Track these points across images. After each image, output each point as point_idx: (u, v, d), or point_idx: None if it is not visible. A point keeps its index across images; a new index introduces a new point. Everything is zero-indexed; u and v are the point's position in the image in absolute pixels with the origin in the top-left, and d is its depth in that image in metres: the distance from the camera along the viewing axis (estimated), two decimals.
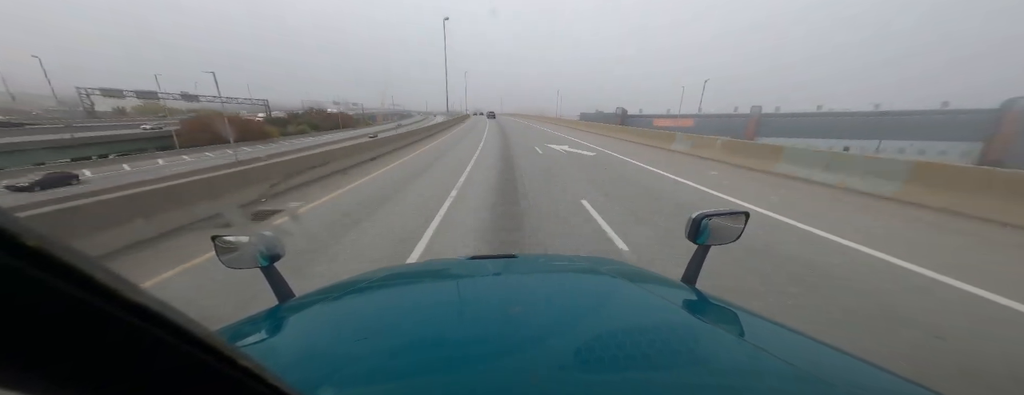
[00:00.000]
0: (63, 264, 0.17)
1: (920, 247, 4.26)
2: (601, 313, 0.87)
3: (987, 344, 2.51)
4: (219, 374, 0.24)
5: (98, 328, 0.19)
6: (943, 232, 4.89)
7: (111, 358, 0.19)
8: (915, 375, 0.61)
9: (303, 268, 3.67)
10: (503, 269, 1.22)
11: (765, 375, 0.62)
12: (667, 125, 59.38)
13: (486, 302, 0.97)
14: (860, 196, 6.96)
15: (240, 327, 0.88)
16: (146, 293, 0.20)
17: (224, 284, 3.37)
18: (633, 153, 14.25)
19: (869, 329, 2.66)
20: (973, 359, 2.35)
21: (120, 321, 0.19)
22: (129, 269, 3.84)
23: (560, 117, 75.15)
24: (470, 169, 10.04)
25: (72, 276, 0.17)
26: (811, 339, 0.74)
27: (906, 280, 3.44)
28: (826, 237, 4.59)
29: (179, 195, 5.40)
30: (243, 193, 6.74)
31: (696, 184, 7.97)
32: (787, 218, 5.35)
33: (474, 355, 0.68)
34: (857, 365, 0.66)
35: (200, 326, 0.23)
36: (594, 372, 0.61)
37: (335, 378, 0.61)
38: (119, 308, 0.19)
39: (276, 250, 1.11)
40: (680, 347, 0.71)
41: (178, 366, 0.22)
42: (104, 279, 0.18)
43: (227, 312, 2.98)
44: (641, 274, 1.24)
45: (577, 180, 8.36)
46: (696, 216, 1.15)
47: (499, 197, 6.66)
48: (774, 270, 3.60)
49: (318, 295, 1.04)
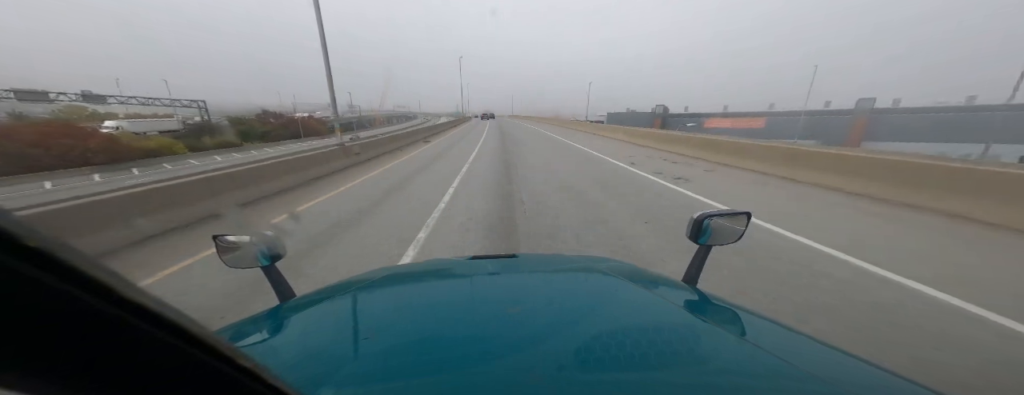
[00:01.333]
0: (63, 264, 0.17)
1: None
2: (601, 313, 0.86)
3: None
4: (219, 374, 0.24)
5: (98, 328, 0.19)
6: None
7: (111, 358, 0.19)
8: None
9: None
10: (503, 269, 1.21)
11: (765, 375, 0.61)
12: (725, 127, 42.71)
13: (486, 302, 0.96)
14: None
15: (240, 327, 0.88)
16: (146, 293, 0.20)
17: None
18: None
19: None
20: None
21: (120, 321, 0.19)
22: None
23: (575, 118, 57.83)
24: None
25: (72, 276, 0.17)
26: (811, 339, 0.73)
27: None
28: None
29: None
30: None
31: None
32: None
33: (474, 355, 0.68)
34: (857, 365, 0.65)
35: (200, 326, 0.23)
36: (594, 372, 0.61)
37: (335, 378, 0.61)
38: (119, 308, 0.19)
39: (277, 250, 1.10)
40: (681, 347, 0.71)
41: (178, 366, 0.22)
42: (104, 279, 0.18)
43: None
44: (642, 274, 1.22)
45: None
46: (697, 216, 1.15)
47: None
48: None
49: (319, 295, 1.04)
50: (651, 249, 4.12)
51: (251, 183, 7.15)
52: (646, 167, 10.22)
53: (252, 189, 7.10)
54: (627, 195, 6.81)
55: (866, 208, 5.84)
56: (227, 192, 6.50)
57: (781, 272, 3.48)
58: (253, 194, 7.06)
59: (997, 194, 4.95)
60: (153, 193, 5.21)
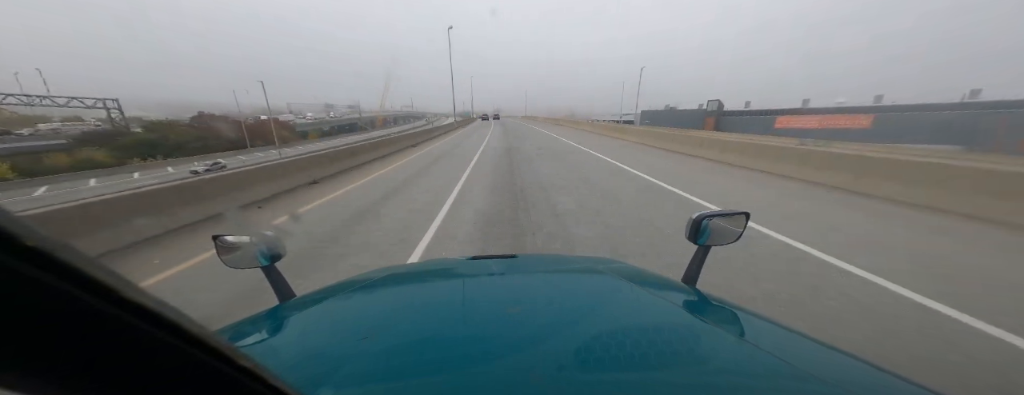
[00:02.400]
0: (63, 264, 0.17)
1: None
2: (601, 313, 0.86)
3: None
4: (219, 374, 0.24)
5: (98, 328, 0.19)
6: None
7: (111, 358, 0.19)
8: None
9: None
10: (504, 269, 1.21)
11: (765, 375, 0.62)
12: (809, 127, 32.05)
13: (487, 302, 0.97)
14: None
15: (240, 327, 0.88)
16: (146, 293, 0.20)
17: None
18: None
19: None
20: None
21: (120, 321, 0.19)
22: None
23: (592, 119, 46.59)
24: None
25: (72, 276, 0.17)
26: (811, 339, 0.74)
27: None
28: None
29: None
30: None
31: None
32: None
33: (474, 355, 0.68)
34: (857, 365, 0.66)
35: (200, 326, 0.23)
36: (594, 372, 0.61)
37: (335, 378, 0.61)
38: (119, 308, 0.19)
39: (277, 250, 1.10)
40: (680, 347, 0.71)
41: (178, 366, 0.22)
42: (104, 279, 0.19)
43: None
44: (641, 274, 1.21)
45: None
46: (696, 216, 1.14)
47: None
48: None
49: (319, 295, 1.05)
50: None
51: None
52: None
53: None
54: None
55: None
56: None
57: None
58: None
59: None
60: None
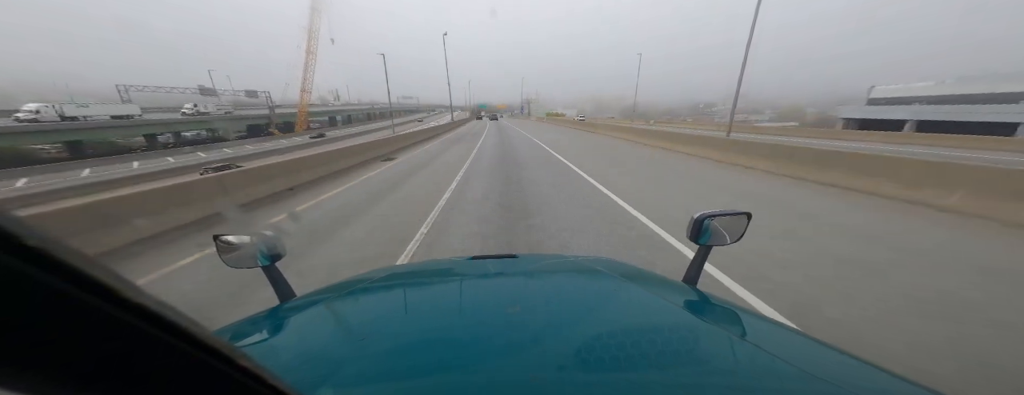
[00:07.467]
0: (63, 264, 0.17)
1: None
2: (601, 313, 0.86)
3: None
4: (219, 374, 0.24)
5: (98, 328, 0.18)
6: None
7: (111, 358, 0.19)
8: None
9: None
10: (503, 269, 1.20)
11: (765, 375, 0.61)
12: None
13: (486, 302, 0.96)
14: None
15: (240, 327, 0.88)
16: (146, 293, 0.20)
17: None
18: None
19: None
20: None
21: (120, 321, 0.19)
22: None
23: (613, 121, 41.06)
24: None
25: (72, 276, 0.17)
26: (811, 339, 0.73)
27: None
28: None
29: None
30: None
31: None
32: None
33: (474, 355, 0.68)
34: (857, 365, 0.65)
35: (200, 326, 0.23)
36: (594, 372, 0.61)
37: (335, 378, 0.61)
38: (119, 308, 0.19)
39: (277, 250, 1.09)
40: (680, 347, 0.71)
41: (178, 366, 0.22)
42: (104, 279, 0.18)
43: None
44: (642, 274, 1.22)
45: None
46: (698, 216, 1.14)
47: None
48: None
49: (319, 295, 1.04)
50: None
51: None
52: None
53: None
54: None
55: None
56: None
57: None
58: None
59: None
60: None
